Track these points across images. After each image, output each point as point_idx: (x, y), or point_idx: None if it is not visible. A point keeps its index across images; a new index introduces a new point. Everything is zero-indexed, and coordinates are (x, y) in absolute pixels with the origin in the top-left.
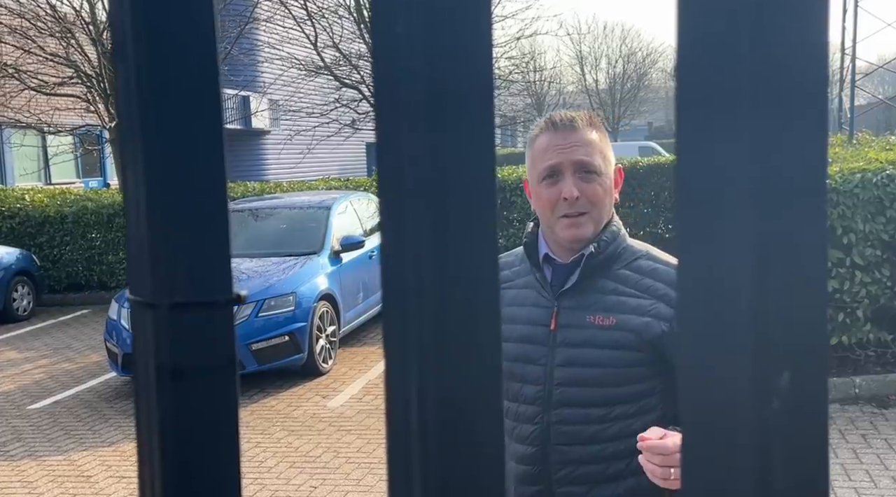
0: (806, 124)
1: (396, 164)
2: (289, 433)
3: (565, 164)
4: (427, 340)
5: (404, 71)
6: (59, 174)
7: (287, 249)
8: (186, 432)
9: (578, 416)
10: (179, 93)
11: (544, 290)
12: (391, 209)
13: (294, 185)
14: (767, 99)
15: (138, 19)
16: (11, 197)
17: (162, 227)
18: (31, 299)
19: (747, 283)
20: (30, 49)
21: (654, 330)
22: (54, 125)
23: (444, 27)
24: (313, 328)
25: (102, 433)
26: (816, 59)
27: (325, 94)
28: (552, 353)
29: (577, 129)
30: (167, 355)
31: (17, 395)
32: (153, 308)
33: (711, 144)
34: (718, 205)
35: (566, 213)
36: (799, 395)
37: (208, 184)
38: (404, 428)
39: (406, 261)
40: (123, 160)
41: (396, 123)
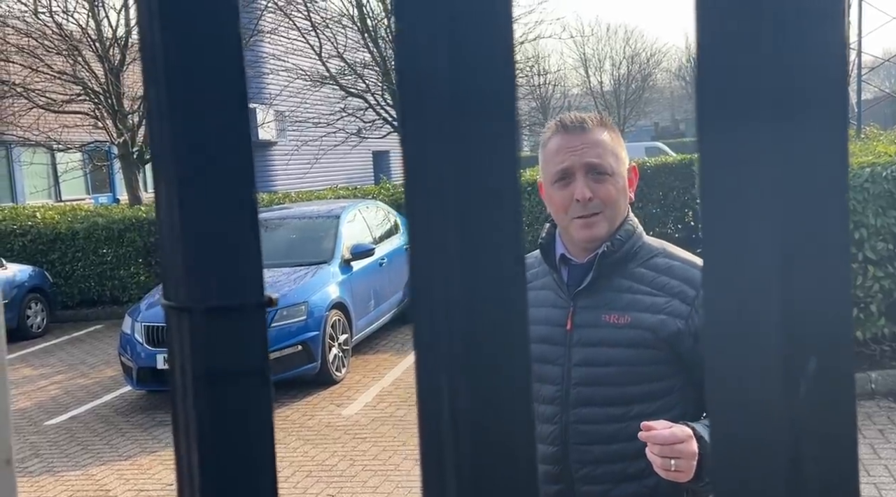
0: (826, 125)
1: (423, 173)
2: (304, 442)
3: (576, 165)
4: (456, 349)
5: (429, 80)
6: (69, 191)
7: (298, 259)
8: (223, 433)
9: (597, 415)
10: (209, 105)
11: (561, 291)
12: (419, 216)
13: (302, 195)
14: (788, 101)
15: (168, 42)
16: (23, 215)
17: (195, 233)
18: (44, 316)
19: (774, 274)
20: (37, 68)
21: (670, 327)
22: (63, 142)
23: (467, 36)
24: (326, 337)
25: (119, 447)
26: (835, 61)
27: (331, 104)
28: (569, 352)
29: (587, 131)
30: (202, 358)
31: (34, 411)
32: (188, 312)
33: (734, 147)
34: (744, 203)
35: (580, 214)
36: (826, 381)
37: (238, 191)
38: (437, 436)
39: (435, 270)
40: (154, 171)
41: (422, 132)
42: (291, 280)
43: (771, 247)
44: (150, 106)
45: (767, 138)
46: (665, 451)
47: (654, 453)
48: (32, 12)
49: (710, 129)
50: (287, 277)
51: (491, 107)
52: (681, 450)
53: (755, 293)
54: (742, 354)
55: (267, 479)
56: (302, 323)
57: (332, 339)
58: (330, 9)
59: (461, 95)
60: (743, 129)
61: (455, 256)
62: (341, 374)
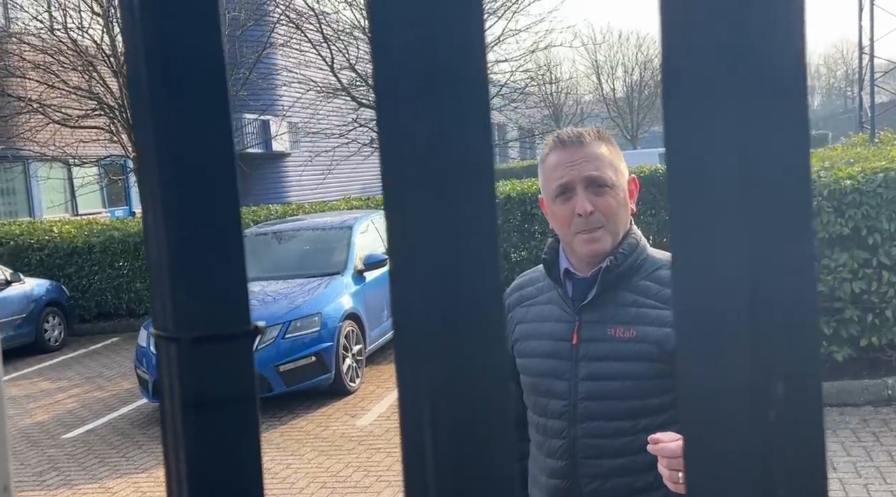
0: (788, 117)
1: (399, 152)
2: (319, 453)
3: (576, 180)
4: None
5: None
6: (86, 205)
7: (311, 270)
8: (211, 460)
9: (604, 429)
10: (193, 138)
11: (566, 305)
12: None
13: (316, 206)
14: (749, 93)
15: (153, 59)
16: (40, 229)
17: (181, 264)
18: (61, 329)
19: (743, 290)
20: (53, 83)
21: (673, 341)
22: (79, 157)
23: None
24: (339, 348)
25: (136, 460)
26: (794, 51)
27: (344, 115)
28: (575, 367)
29: (584, 145)
30: (190, 387)
31: (52, 424)
32: (176, 342)
33: (698, 143)
34: (708, 204)
35: (583, 229)
36: (794, 405)
37: (223, 221)
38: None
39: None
40: (143, 200)
41: (395, 109)
42: (305, 291)
43: (739, 252)
44: (137, 135)
45: (729, 125)
46: (672, 463)
47: (662, 466)
48: (48, 29)
49: (674, 117)
50: (301, 288)
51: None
52: None
53: (724, 302)
54: (712, 375)
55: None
56: (316, 334)
57: (346, 350)
58: (341, 21)
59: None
60: (705, 116)
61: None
62: (355, 384)
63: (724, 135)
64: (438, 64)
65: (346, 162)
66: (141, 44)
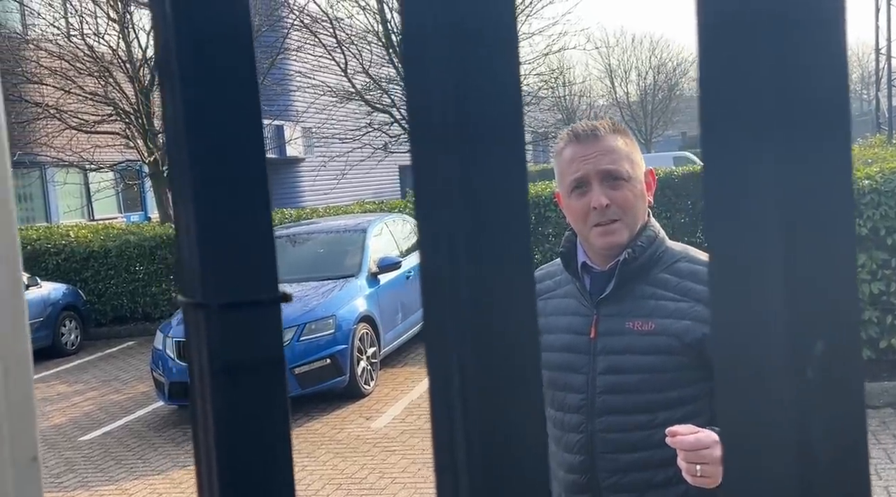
0: (831, 137)
1: (433, 188)
2: (334, 456)
3: (591, 173)
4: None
5: (435, 97)
6: (102, 210)
7: (325, 273)
8: (239, 426)
9: (622, 423)
10: (221, 110)
11: (584, 299)
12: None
13: (330, 209)
14: (791, 116)
15: (184, 61)
16: (57, 234)
17: (209, 231)
18: (78, 333)
19: (778, 259)
20: (70, 89)
21: (695, 333)
22: (95, 162)
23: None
24: (354, 350)
25: (152, 462)
26: (837, 73)
27: (357, 120)
28: (593, 361)
29: (600, 138)
30: (218, 353)
31: (69, 427)
32: (204, 308)
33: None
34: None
35: (598, 222)
36: (833, 364)
37: (251, 187)
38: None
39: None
40: (170, 170)
41: (430, 149)
42: (319, 294)
43: (775, 228)
44: (165, 109)
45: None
46: (690, 456)
47: (680, 459)
48: (65, 35)
49: (713, 143)
50: (315, 291)
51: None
52: (706, 455)
53: (759, 278)
54: (748, 340)
55: (284, 465)
56: (330, 336)
57: (361, 353)
58: (355, 26)
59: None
60: (744, 142)
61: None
62: (370, 387)
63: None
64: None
65: (359, 166)
66: (172, 36)
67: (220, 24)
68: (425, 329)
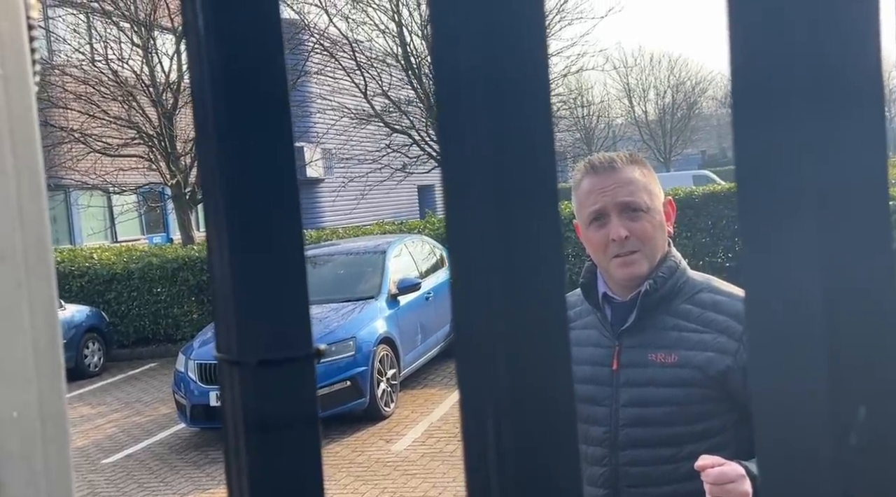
0: (864, 128)
1: (461, 165)
2: (355, 479)
3: (609, 206)
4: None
5: (464, 70)
6: (125, 232)
7: (345, 295)
8: (274, 484)
9: (647, 456)
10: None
11: (605, 330)
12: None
13: (350, 230)
14: (824, 104)
15: (217, 89)
16: (80, 256)
17: (245, 288)
18: (101, 355)
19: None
20: (94, 114)
21: (718, 365)
22: (119, 185)
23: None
24: (374, 372)
25: (174, 484)
26: (870, 59)
27: (377, 141)
28: (616, 393)
29: (617, 170)
30: (254, 410)
31: (92, 449)
32: (239, 365)
33: (770, 153)
34: (781, 217)
35: (618, 253)
36: (876, 429)
37: (286, 244)
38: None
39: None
40: (207, 224)
41: (458, 123)
42: (339, 316)
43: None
44: (201, 161)
45: (803, 133)
46: (715, 490)
47: (707, 493)
48: (90, 61)
49: (745, 125)
50: (335, 313)
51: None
52: (731, 489)
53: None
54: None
55: None
56: (350, 358)
57: (381, 374)
58: (374, 48)
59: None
60: (777, 124)
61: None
62: (390, 409)
63: (799, 147)
64: (502, 81)
65: (378, 187)
66: (207, 70)
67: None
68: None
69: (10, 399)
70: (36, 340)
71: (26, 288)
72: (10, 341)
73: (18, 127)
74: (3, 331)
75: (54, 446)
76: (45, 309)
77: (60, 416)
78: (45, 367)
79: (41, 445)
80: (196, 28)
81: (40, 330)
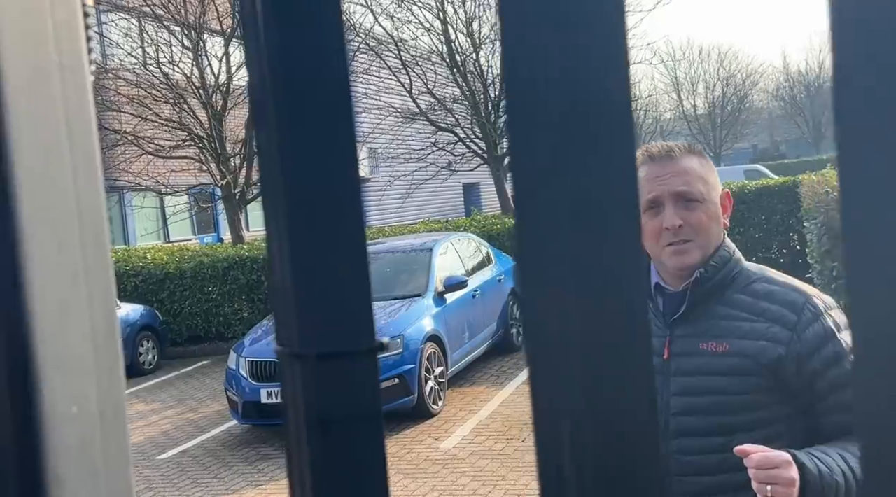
0: None
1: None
2: (404, 476)
3: (665, 195)
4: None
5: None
6: (177, 232)
7: (392, 293)
8: (337, 480)
9: (698, 445)
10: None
11: (657, 320)
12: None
13: (396, 229)
14: None
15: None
16: (135, 256)
17: (306, 280)
18: (155, 353)
19: None
20: (146, 116)
21: (771, 354)
22: (171, 186)
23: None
24: (422, 370)
25: (227, 481)
26: None
27: (422, 139)
28: (667, 382)
29: (674, 159)
30: (315, 405)
31: (147, 445)
32: (300, 359)
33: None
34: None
35: (671, 242)
36: None
37: (348, 237)
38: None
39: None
40: (266, 218)
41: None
42: (387, 314)
43: None
44: (262, 154)
45: None
46: (760, 476)
47: (753, 481)
48: (142, 64)
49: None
50: (382, 311)
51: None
52: (776, 475)
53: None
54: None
55: None
56: (398, 356)
57: (428, 372)
58: (419, 47)
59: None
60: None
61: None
62: (438, 407)
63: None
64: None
65: (423, 185)
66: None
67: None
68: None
69: (70, 393)
70: (95, 333)
71: (84, 280)
72: (69, 334)
73: (75, 116)
74: (62, 324)
75: (113, 441)
76: (103, 301)
77: (119, 410)
78: (104, 360)
79: (100, 440)
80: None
81: (98, 323)
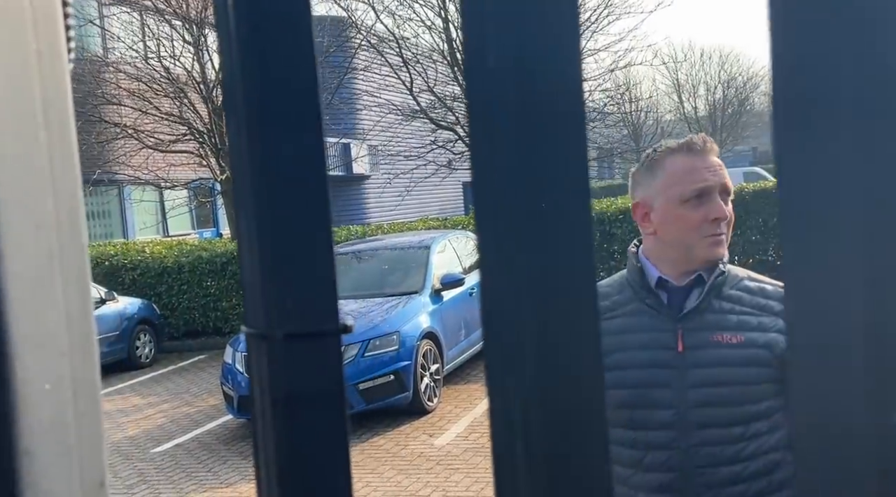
0: None
1: (492, 186)
2: (398, 472)
3: (715, 186)
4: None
5: (497, 96)
6: (176, 226)
7: (390, 290)
8: (300, 456)
9: (717, 436)
10: (285, 140)
11: (661, 314)
12: (487, 234)
13: (395, 226)
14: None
15: (248, 79)
16: (133, 250)
17: (273, 263)
18: (152, 347)
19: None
20: (147, 110)
21: (781, 345)
22: (170, 180)
23: (534, 50)
24: (417, 366)
25: (221, 474)
26: None
27: (422, 137)
28: (683, 375)
29: (713, 152)
30: (281, 383)
31: (142, 438)
32: (267, 339)
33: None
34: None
35: (712, 233)
36: None
37: (314, 221)
38: (510, 459)
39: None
40: (235, 201)
41: (490, 148)
42: (383, 310)
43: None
44: (230, 138)
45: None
46: None
47: None
48: (143, 58)
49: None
50: (379, 307)
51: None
52: None
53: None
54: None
55: (344, 495)
56: (394, 352)
57: (424, 369)
58: (420, 45)
59: (528, 108)
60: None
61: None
62: (433, 403)
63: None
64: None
65: (423, 183)
66: (238, 63)
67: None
68: (486, 351)
69: (43, 371)
70: (69, 312)
71: (59, 260)
72: (43, 312)
73: (51, 99)
74: (36, 301)
75: (86, 419)
76: (77, 281)
77: (93, 388)
78: (78, 338)
79: (73, 418)
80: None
81: (73, 302)
